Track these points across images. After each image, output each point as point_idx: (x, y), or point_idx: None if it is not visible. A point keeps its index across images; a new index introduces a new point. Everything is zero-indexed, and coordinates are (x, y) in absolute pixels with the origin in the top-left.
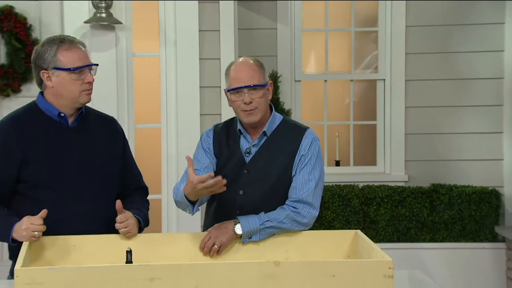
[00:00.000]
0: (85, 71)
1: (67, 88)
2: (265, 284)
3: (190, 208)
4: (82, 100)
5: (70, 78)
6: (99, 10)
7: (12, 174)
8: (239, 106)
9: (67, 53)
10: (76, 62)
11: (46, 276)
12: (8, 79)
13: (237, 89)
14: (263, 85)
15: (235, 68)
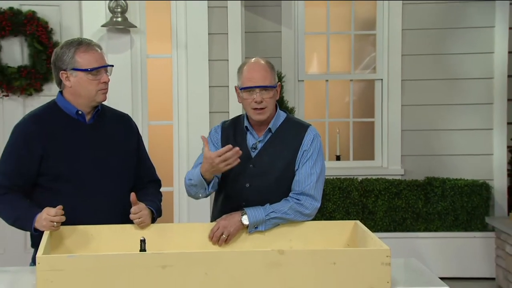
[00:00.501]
0: (101, 71)
1: (84, 87)
2: (270, 271)
3: (205, 188)
4: (98, 98)
5: (87, 78)
6: (115, 14)
7: (33, 167)
8: (250, 104)
9: (84, 55)
10: (92, 63)
11: (65, 263)
12: (31, 79)
13: (250, 88)
14: (273, 86)
15: (249, 68)
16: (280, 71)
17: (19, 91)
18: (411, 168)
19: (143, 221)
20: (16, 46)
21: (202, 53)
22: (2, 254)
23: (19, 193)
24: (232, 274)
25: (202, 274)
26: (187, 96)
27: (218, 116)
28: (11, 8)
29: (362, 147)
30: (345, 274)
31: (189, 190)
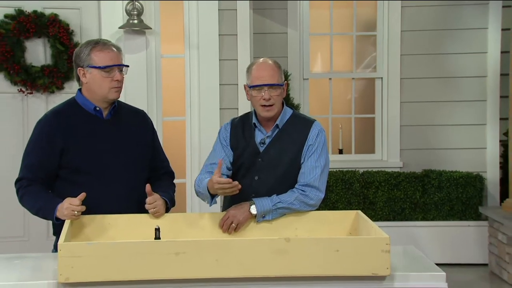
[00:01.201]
0: (114, 70)
1: (98, 84)
2: (277, 258)
3: (209, 200)
4: (111, 96)
5: (101, 75)
6: (131, 17)
7: (54, 161)
8: (258, 101)
9: (99, 53)
10: (106, 61)
11: (85, 250)
12: (53, 77)
13: (258, 86)
14: (281, 84)
15: (257, 67)
16: (286, 70)
17: (42, 89)
18: (409, 161)
19: (157, 210)
20: (40, 47)
21: (213, 53)
22: (26, 241)
23: (41, 185)
24: (241, 260)
25: (213, 260)
26: (199, 93)
27: (228, 112)
28: (35, 11)
29: (363, 141)
30: (347, 261)
31: (196, 194)
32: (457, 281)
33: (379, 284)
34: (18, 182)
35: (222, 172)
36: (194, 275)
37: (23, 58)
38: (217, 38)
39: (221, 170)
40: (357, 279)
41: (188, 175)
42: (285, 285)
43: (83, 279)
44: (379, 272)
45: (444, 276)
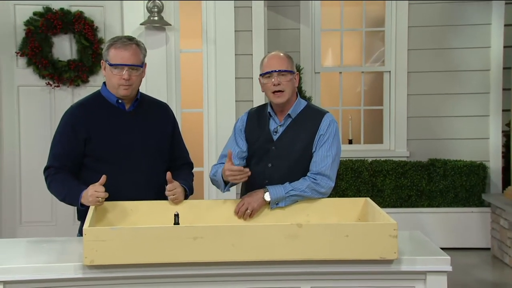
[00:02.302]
0: (124, 69)
1: (109, 79)
2: (290, 242)
3: (223, 187)
4: (120, 92)
5: (112, 72)
6: (152, 14)
7: (79, 150)
8: (269, 88)
9: (114, 51)
10: (117, 60)
11: (108, 235)
12: (78, 71)
13: (268, 73)
14: (290, 71)
15: (268, 57)
16: (298, 64)
17: (68, 82)
18: (415, 151)
19: (177, 197)
20: (66, 42)
21: (229, 48)
22: (54, 226)
23: (68, 172)
24: (256, 245)
25: (229, 245)
26: (215, 86)
27: (243, 104)
28: (61, 9)
29: (372, 132)
30: (356, 245)
31: (211, 181)
32: (461, 264)
33: (387, 267)
34: (46, 170)
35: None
36: (211, 259)
37: (51, 53)
38: (233, 34)
39: (231, 159)
40: (366, 262)
41: (206, 164)
42: (298, 268)
43: (107, 261)
44: (387, 256)
45: (448, 260)
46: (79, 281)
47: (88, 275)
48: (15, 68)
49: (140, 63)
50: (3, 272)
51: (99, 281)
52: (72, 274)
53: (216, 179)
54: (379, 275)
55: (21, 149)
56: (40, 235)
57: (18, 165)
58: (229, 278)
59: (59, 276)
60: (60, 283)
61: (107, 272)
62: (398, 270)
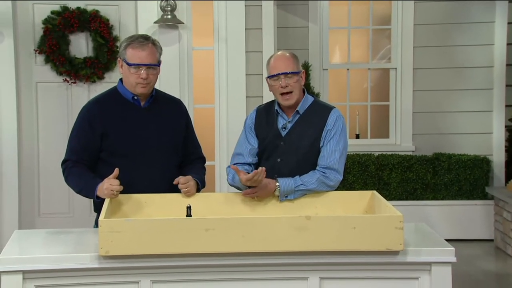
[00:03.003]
0: (141, 68)
1: (127, 77)
2: (299, 234)
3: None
4: (137, 90)
5: (129, 71)
6: (165, 13)
7: (96, 144)
8: (277, 90)
9: (131, 50)
10: (135, 59)
11: (123, 226)
12: (94, 68)
13: (275, 76)
14: (296, 72)
15: (274, 59)
16: (307, 61)
17: (84, 79)
18: (421, 145)
19: (189, 190)
20: (82, 40)
21: (240, 45)
22: (71, 217)
23: (84, 166)
24: (266, 236)
25: (240, 236)
26: (227, 83)
27: (253, 100)
28: (78, 8)
29: (378, 127)
30: (363, 237)
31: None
32: (465, 255)
33: (393, 258)
34: (63, 164)
35: (246, 161)
36: (222, 250)
37: (68, 51)
38: (243, 32)
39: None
40: (372, 253)
41: (217, 157)
42: (306, 259)
43: (122, 252)
44: (393, 247)
45: (453, 251)
46: (95, 271)
47: (103, 265)
48: (33, 65)
49: (156, 62)
50: (23, 261)
51: (114, 271)
52: (88, 264)
53: (237, 185)
54: (386, 266)
55: (39, 143)
56: (58, 226)
57: (37, 159)
58: (239, 269)
59: (75, 266)
60: (77, 272)
61: (121, 262)
62: (404, 261)
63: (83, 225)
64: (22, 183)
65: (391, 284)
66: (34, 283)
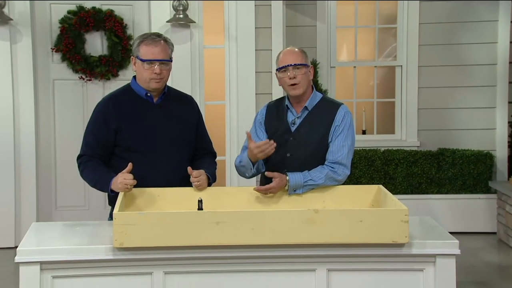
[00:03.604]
0: (155, 63)
1: (141, 74)
2: (307, 227)
3: (251, 168)
4: (151, 85)
5: (143, 67)
6: (177, 12)
7: (110, 139)
8: (286, 82)
9: (145, 47)
10: (148, 55)
11: (136, 219)
12: (109, 66)
13: (284, 68)
14: (304, 64)
15: (283, 53)
16: (315, 59)
17: (99, 76)
18: (426, 141)
19: (201, 184)
20: (97, 39)
21: (250, 44)
22: (87, 210)
23: (99, 160)
24: (275, 229)
25: (249, 229)
26: (237, 80)
27: (262, 97)
28: (93, 8)
29: (384, 123)
30: (370, 230)
31: (238, 170)
32: (469, 248)
33: (399, 250)
34: (79, 158)
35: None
36: (232, 242)
37: (83, 49)
38: (253, 30)
39: (252, 139)
40: (378, 246)
41: (228, 152)
42: (314, 251)
43: (135, 244)
44: (399, 240)
45: (457, 244)
46: (109, 262)
47: (118, 257)
48: (50, 63)
49: (169, 58)
50: (40, 253)
51: (128, 262)
52: (103, 255)
53: (243, 163)
54: (391, 258)
55: (56, 139)
56: (74, 219)
57: (53, 154)
58: (249, 260)
59: (91, 257)
60: (92, 263)
61: (135, 254)
62: (409, 253)
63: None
64: (40, 177)
65: (397, 275)
66: (51, 273)
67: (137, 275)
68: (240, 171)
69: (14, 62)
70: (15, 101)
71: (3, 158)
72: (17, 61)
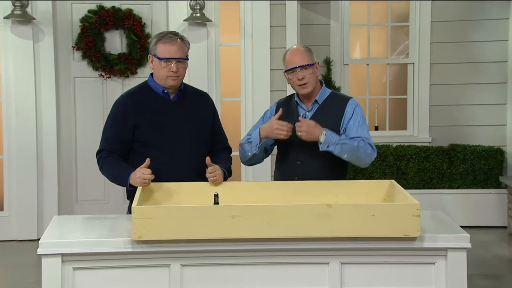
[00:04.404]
0: (172, 62)
1: (158, 72)
2: (320, 221)
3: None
4: (168, 83)
5: (160, 65)
6: (194, 11)
7: (128, 135)
8: (295, 82)
9: (162, 45)
10: (165, 54)
11: (154, 213)
12: (128, 64)
13: (292, 69)
14: (311, 64)
15: (289, 53)
16: (328, 57)
17: (118, 74)
18: (437, 137)
19: (217, 179)
20: (117, 37)
21: (265, 42)
22: (106, 204)
23: (118, 156)
24: (289, 223)
25: (264, 223)
26: (252, 77)
27: (277, 94)
28: (113, 7)
29: (396, 119)
30: (382, 224)
31: (242, 148)
32: (479, 241)
33: (410, 244)
34: (98, 154)
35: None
36: (248, 235)
37: (103, 47)
38: (268, 29)
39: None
40: (390, 240)
41: None
42: (327, 245)
43: (153, 237)
44: (411, 233)
45: (468, 237)
46: (128, 255)
47: (136, 249)
48: (71, 61)
49: (185, 56)
50: (62, 245)
51: (146, 255)
52: (122, 248)
53: (251, 139)
54: (403, 251)
55: (76, 135)
56: (94, 212)
57: (74, 149)
58: (264, 253)
59: (110, 250)
60: (111, 256)
61: (153, 247)
62: (421, 247)
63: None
64: (61, 172)
65: (409, 269)
66: (72, 265)
67: (155, 267)
68: (244, 150)
69: (37, 60)
70: (37, 98)
71: (26, 154)
72: (40, 59)
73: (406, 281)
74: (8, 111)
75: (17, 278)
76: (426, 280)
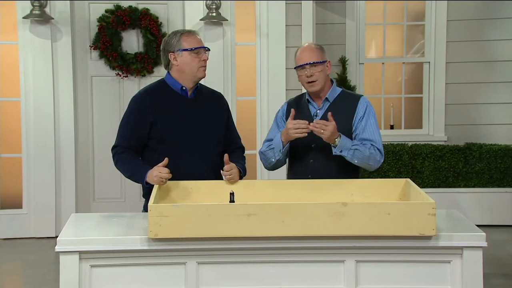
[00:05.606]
0: (201, 51)
1: (188, 64)
2: (335, 219)
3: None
4: (199, 74)
5: (191, 56)
6: (210, 10)
7: (145, 131)
8: (304, 79)
9: (187, 38)
10: (194, 44)
11: (171, 211)
12: (144, 63)
13: (301, 66)
14: (320, 61)
15: (300, 51)
16: (344, 56)
17: (135, 73)
18: (453, 135)
19: (233, 177)
20: (133, 37)
21: (280, 41)
22: (123, 202)
23: (133, 152)
24: (304, 221)
25: (280, 221)
26: (268, 76)
27: (292, 93)
28: (130, 7)
29: (412, 118)
30: (397, 223)
31: (264, 155)
32: (495, 240)
33: (426, 243)
34: (113, 149)
35: None
36: (263, 234)
37: (120, 47)
38: (284, 28)
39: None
40: (406, 238)
41: (258, 147)
42: (343, 243)
43: (169, 235)
44: (426, 232)
45: (484, 236)
46: (144, 253)
47: (152, 247)
48: (88, 60)
49: None
50: (79, 243)
51: (163, 253)
52: (138, 246)
53: (273, 145)
54: (419, 250)
55: (94, 133)
56: (111, 210)
57: (91, 148)
58: (279, 252)
59: (126, 248)
60: (128, 253)
61: (169, 245)
62: (436, 245)
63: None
64: (79, 170)
65: (424, 267)
66: (89, 262)
67: (171, 265)
68: (267, 157)
69: (55, 59)
70: (55, 97)
71: (44, 152)
72: (58, 58)
73: (421, 280)
74: (26, 110)
75: (35, 275)
76: (441, 279)
